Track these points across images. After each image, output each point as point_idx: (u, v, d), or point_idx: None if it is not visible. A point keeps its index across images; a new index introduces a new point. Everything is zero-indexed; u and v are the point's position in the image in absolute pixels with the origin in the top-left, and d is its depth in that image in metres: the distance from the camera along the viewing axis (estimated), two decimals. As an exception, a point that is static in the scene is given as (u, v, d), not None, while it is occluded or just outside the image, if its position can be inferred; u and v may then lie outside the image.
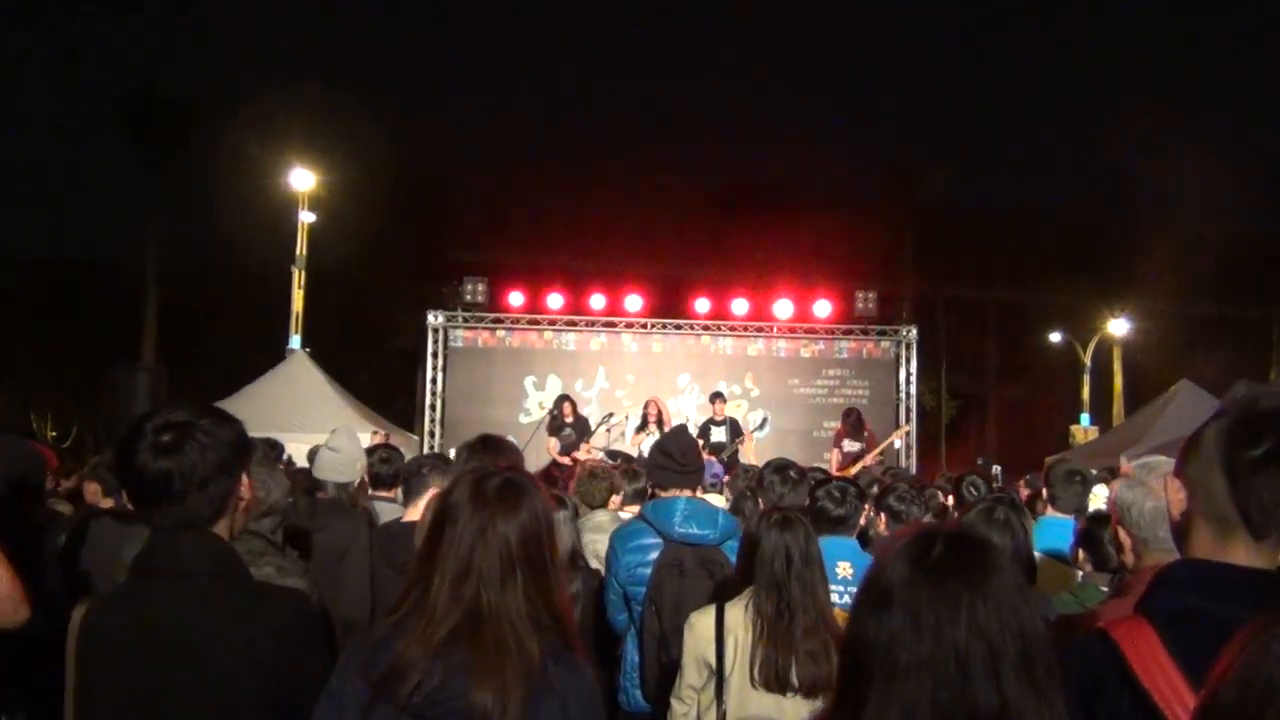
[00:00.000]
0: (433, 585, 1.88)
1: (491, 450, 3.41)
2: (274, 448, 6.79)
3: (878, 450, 12.69)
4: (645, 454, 11.00)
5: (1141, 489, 2.30)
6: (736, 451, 12.62)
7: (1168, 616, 1.58)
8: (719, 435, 12.97)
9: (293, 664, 1.93)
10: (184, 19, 62.71)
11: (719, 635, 3.09)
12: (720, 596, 3.28)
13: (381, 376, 29.94)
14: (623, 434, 13.86)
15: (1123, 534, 2.35)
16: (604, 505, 5.41)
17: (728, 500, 6.19)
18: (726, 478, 7.92)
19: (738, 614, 3.13)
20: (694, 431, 12.12)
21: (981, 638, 1.35)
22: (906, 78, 71.39)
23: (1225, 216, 34.68)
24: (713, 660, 3.09)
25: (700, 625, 3.17)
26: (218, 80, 53.42)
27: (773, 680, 3.00)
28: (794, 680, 3.00)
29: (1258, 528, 1.58)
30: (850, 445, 12.80)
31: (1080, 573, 3.98)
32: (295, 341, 19.46)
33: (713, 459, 11.60)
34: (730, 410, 14.20)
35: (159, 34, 62.03)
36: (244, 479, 2.12)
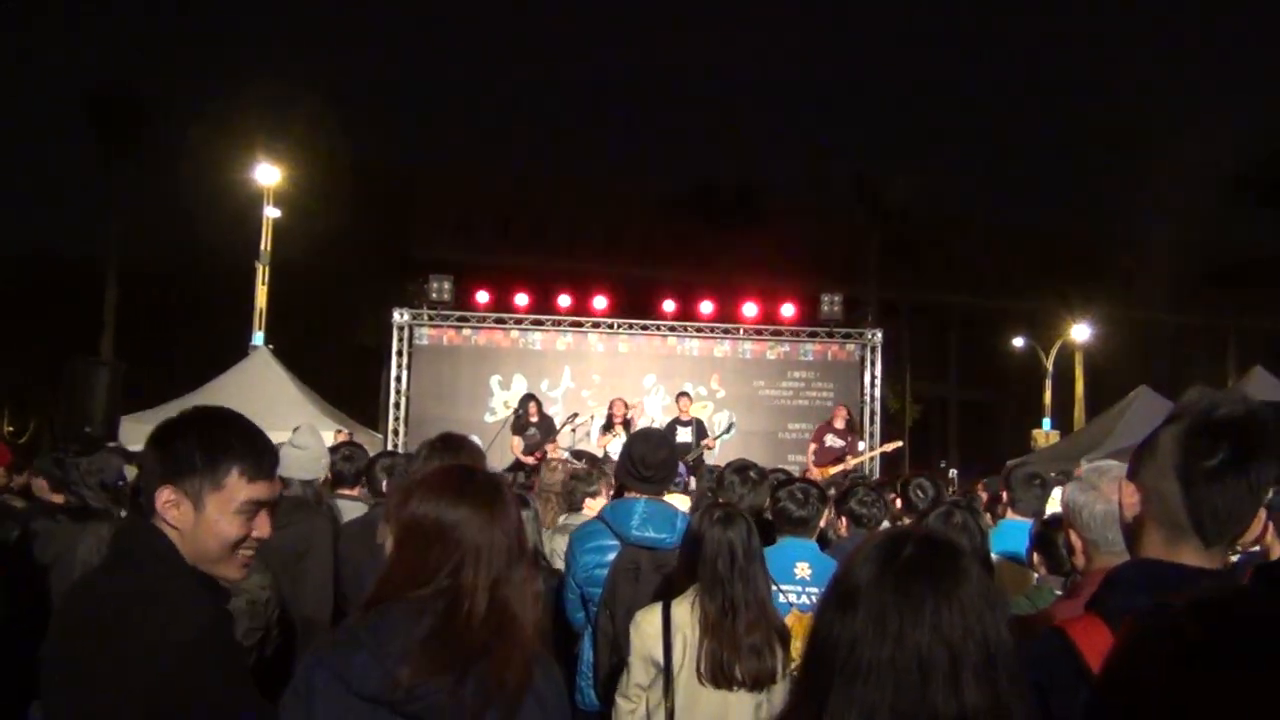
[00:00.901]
0: (463, 581, 1.89)
1: (453, 449, 3.39)
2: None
3: (865, 457, 12.71)
4: (610, 455, 11.02)
5: (1093, 492, 2.32)
6: (702, 454, 12.65)
7: (1120, 613, 1.59)
8: (685, 436, 12.99)
9: (192, 683, 1.83)
10: (147, 14, 62.00)
11: (666, 633, 3.08)
12: (666, 595, 3.27)
13: (346, 374, 29.71)
14: (588, 434, 13.86)
15: (1074, 536, 2.38)
16: (579, 509, 5.41)
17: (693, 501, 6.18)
18: (691, 479, 7.92)
19: (684, 611, 3.12)
20: (659, 432, 12.14)
21: (944, 643, 1.34)
22: (874, 84, 71.89)
23: (1185, 227, 35.20)
24: (660, 658, 3.08)
25: (646, 624, 3.16)
26: (183, 76, 52.88)
27: (719, 676, 3.00)
28: (739, 675, 3.00)
29: (1209, 535, 1.62)
30: (834, 441, 12.84)
31: (1037, 576, 4.02)
32: (258, 338, 19.29)
33: (680, 460, 11.60)
34: (696, 411, 14.22)
35: (122, 29, 61.28)
36: (167, 493, 1.96)
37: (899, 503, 6.37)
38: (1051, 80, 72.25)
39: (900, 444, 14.58)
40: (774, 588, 3.68)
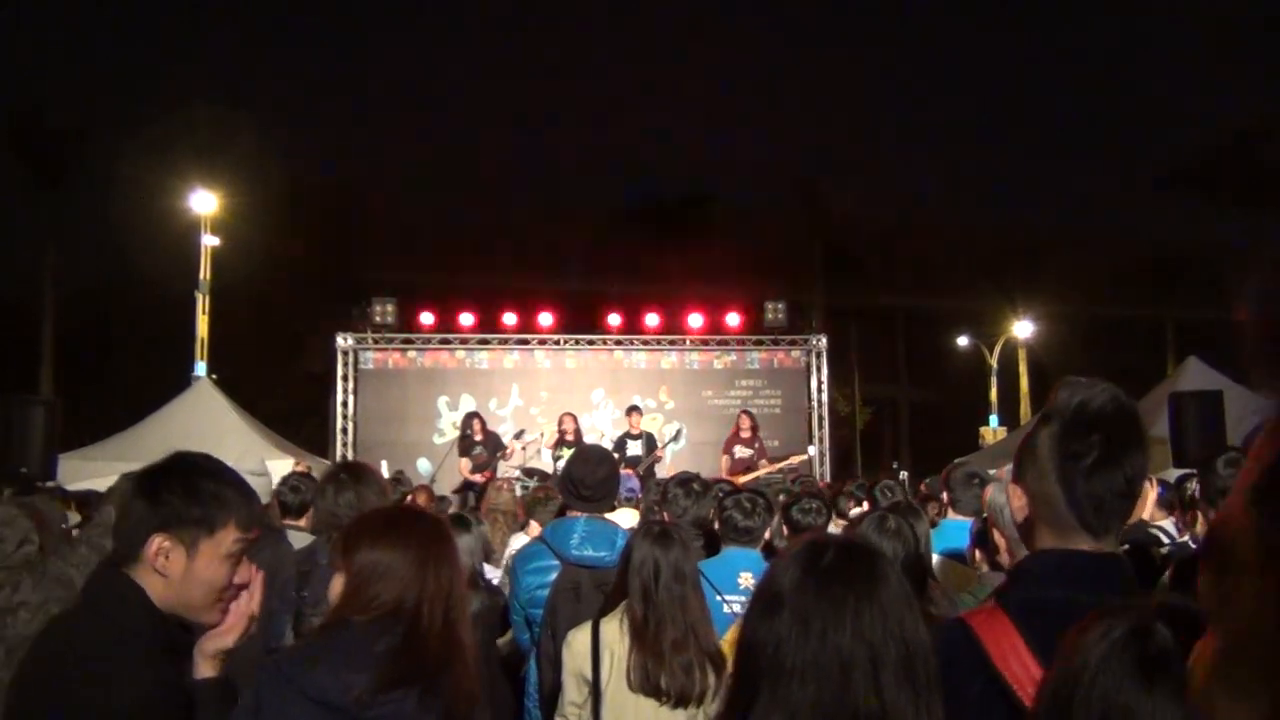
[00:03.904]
0: (423, 614, 2.05)
1: (355, 477, 3.42)
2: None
3: (774, 468, 12.75)
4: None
5: (1012, 491, 2.37)
6: (653, 465, 12.66)
7: (1020, 604, 1.66)
8: (635, 449, 12.99)
9: None
10: (75, 41, 60.89)
11: (595, 650, 3.10)
12: (602, 612, 3.28)
13: (292, 401, 29.36)
14: (539, 451, 13.82)
15: (998, 535, 2.43)
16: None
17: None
18: (640, 493, 7.91)
19: (613, 628, 3.13)
20: (610, 446, 12.15)
21: (864, 643, 1.40)
22: (812, 91, 72.60)
23: (1123, 221, 35.99)
24: (590, 675, 3.10)
25: (577, 642, 3.17)
26: (114, 103, 52.00)
27: (645, 683, 3.00)
28: (663, 685, 2.99)
29: (1095, 529, 1.68)
30: (742, 451, 12.92)
31: (980, 572, 4.08)
32: (200, 368, 19.00)
33: (629, 473, 11.61)
34: (645, 424, 14.23)
35: (48, 56, 60.17)
36: (154, 542, 1.93)
37: (867, 505, 6.43)
38: (989, 79, 73.56)
39: (805, 457, 14.48)
40: (718, 598, 3.70)
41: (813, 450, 16.56)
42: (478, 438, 12.68)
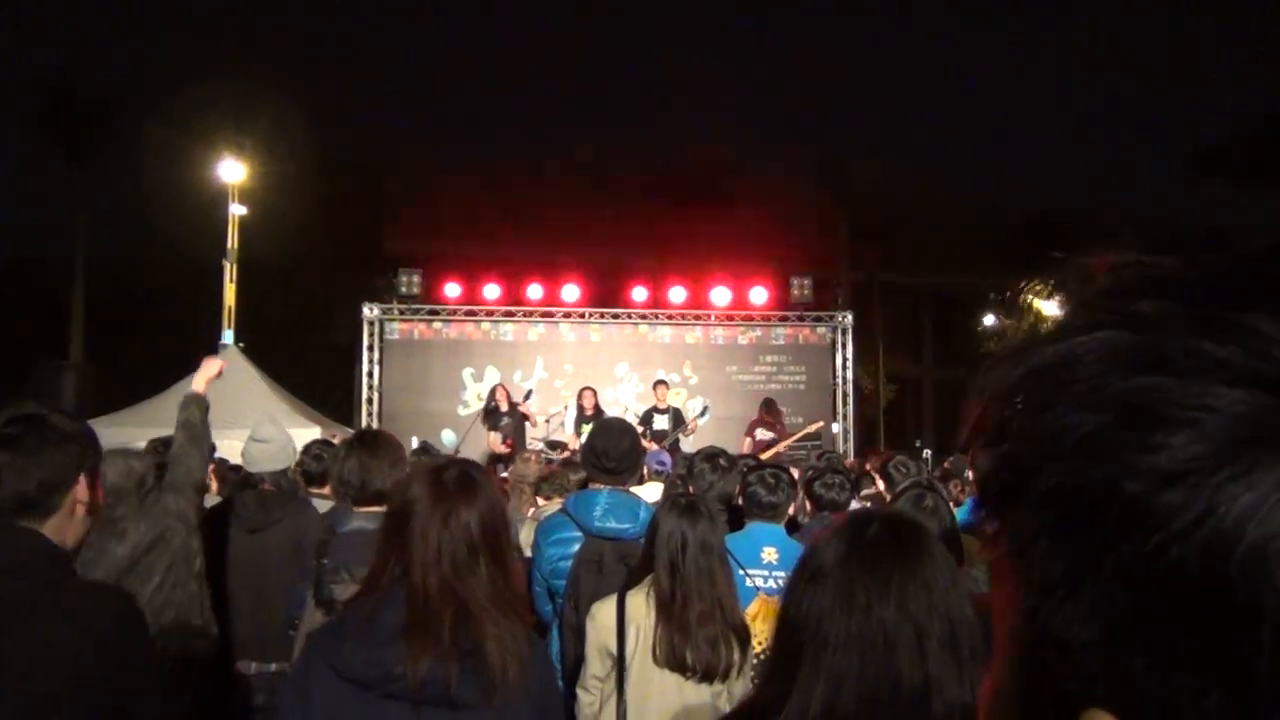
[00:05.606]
0: (413, 576, 1.99)
1: (370, 446, 3.45)
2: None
3: (792, 440, 12.73)
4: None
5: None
6: (679, 440, 12.66)
7: None
8: (662, 423, 13.00)
9: (117, 670, 1.85)
10: (104, 9, 61.11)
11: (620, 624, 3.07)
12: (627, 586, 3.26)
13: (318, 370, 29.55)
14: (562, 424, 13.85)
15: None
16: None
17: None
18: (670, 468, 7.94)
19: (639, 601, 3.11)
20: (635, 420, 12.17)
21: (909, 617, 1.40)
22: (841, 66, 71.99)
23: (1152, 201, 35.56)
24: (614, 649, 3.08)
25: (602, 615, 3.15)
26: (143, 75, 52.21)
27: (670, 657, 2.99)
28: (689, 660, 2.97)
29: None
30: (764, 434, 12.92)
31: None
32: (228, 336, 19.15)
33: (658, 447, 11.64)
34: (670, 398, 14.24)
35: (77, 24, 60.34)
36: (82, 481, 2.03)
37: (882, 483, 6.43)
38: (1019, 59, 72.66)
39: (820, 424, 14.43)
40: (741, 572, 3.70)
41: (836, 428, 16.52)
42: (503, 408, 12.71)
